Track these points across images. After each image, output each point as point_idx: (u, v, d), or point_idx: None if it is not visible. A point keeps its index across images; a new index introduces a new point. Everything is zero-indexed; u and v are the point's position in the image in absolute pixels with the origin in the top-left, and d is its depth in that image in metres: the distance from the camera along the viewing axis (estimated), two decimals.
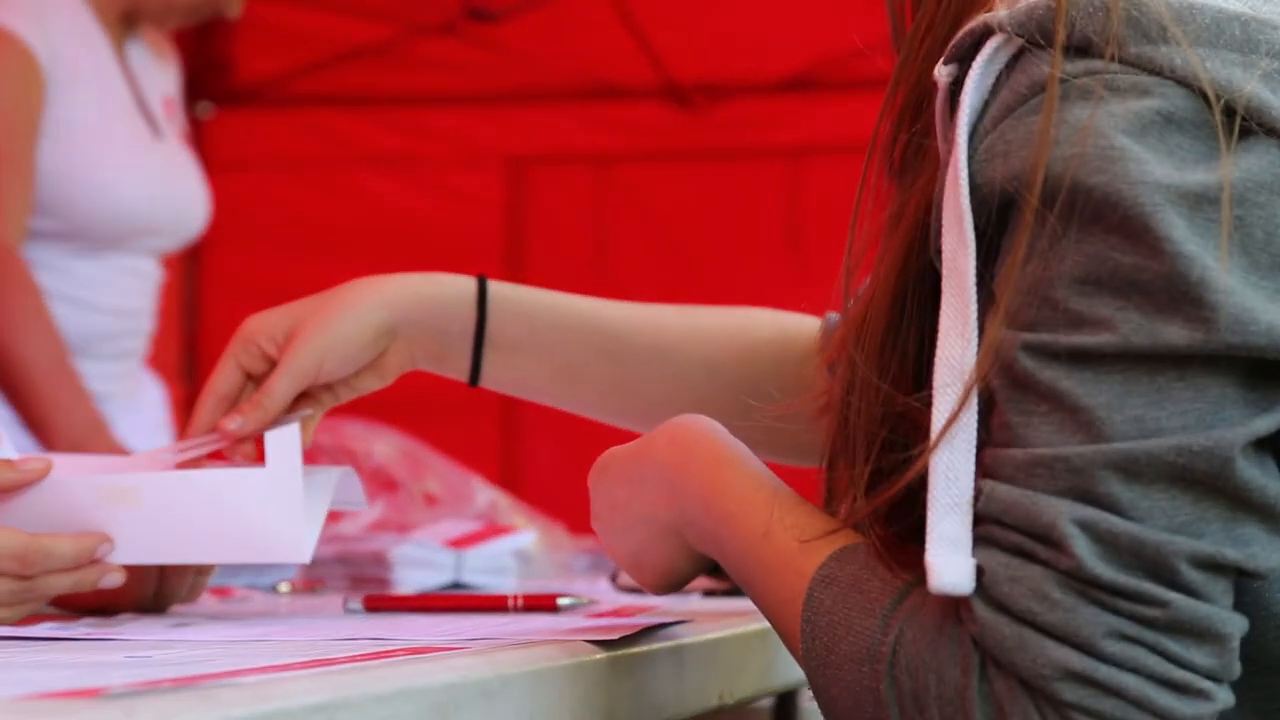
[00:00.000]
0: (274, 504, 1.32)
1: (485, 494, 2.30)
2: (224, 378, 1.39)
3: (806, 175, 4.58)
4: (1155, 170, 0.98)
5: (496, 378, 1.43)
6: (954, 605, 1.00)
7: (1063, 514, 0.96)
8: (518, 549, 2.01)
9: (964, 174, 1.01)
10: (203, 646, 1.14)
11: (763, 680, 1.41)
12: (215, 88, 4.98)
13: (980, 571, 0.98)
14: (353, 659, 1.01)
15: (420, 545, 1.85)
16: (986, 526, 0.99)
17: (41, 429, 2.64)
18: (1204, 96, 0.99)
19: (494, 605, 1.43)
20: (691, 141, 3.97)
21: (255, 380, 1.40)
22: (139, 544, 1.33)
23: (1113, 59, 1.00)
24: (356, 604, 1.47)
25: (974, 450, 1.00)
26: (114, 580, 1.32)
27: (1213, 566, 0.97)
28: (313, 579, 1.86)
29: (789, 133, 4.59)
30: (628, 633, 1.18)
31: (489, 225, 4.72)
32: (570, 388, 1.45)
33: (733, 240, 4.71)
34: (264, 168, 4.88)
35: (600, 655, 1.14)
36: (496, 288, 1.41)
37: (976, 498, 1.00)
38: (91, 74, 2.77)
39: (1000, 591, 0.97)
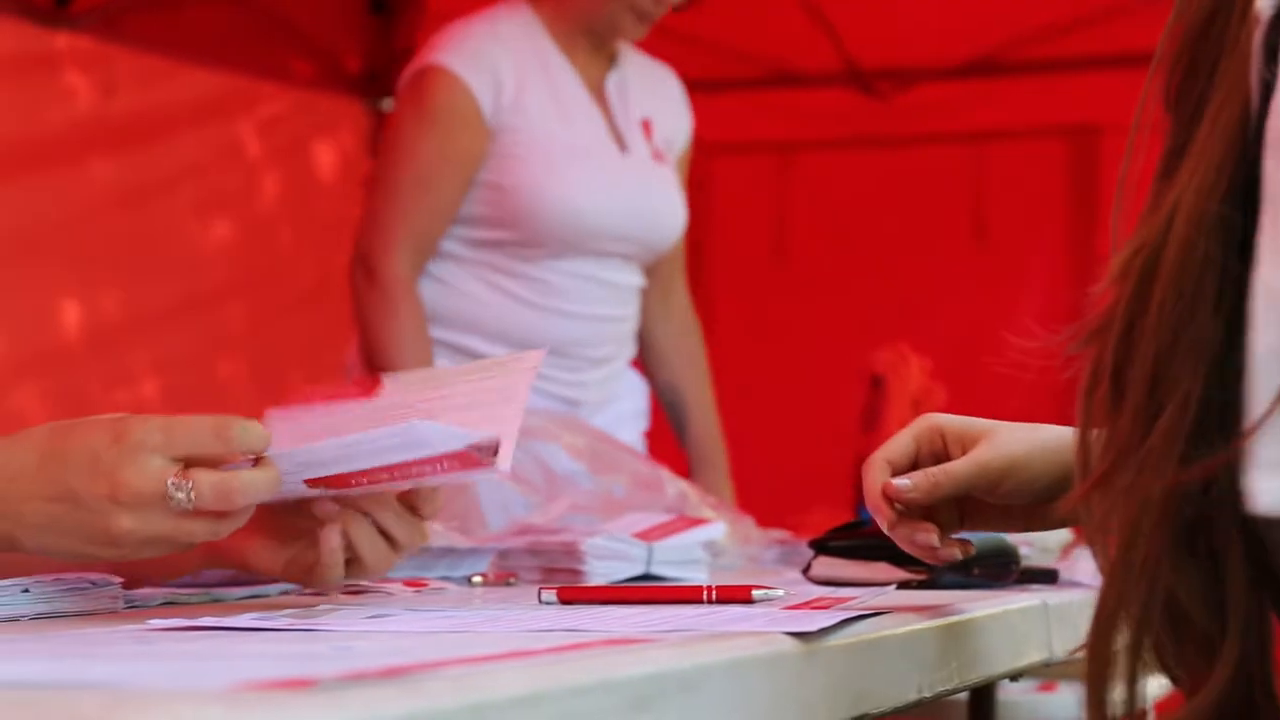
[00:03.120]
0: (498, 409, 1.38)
1: (674, 486, 2.30)
2: (898, 447, 1.44)
3: (992, 162, 4.53)
4: None
5: None
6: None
7: None
8: (708, 540, 2.01)
9: None
10: (402, 637, 1.15)
11: (960, 673, 1.39)
12: (398, 80, 5.02)
13: None
14: (551, 650, 1.01)
15: (612, 537, 1.85)
16: None
17: None
18: None
19: (688, 597, 1.42)
20: (874, 128, 3.95)
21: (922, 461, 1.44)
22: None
23: None
24: (551, 595, 1.47)
25: None
26: (229, 526, 1.34)
27: None
28: (505, 571, 1.87)
29: (974, 118, 4.54)
30: (826, 625, 1.17)
31: None
32: None
33: (917, 229, 4.67)
34: None
35: (798, 647, 1.14)
36: None
37: None
38: (551, 99, 2.93)
39: None
